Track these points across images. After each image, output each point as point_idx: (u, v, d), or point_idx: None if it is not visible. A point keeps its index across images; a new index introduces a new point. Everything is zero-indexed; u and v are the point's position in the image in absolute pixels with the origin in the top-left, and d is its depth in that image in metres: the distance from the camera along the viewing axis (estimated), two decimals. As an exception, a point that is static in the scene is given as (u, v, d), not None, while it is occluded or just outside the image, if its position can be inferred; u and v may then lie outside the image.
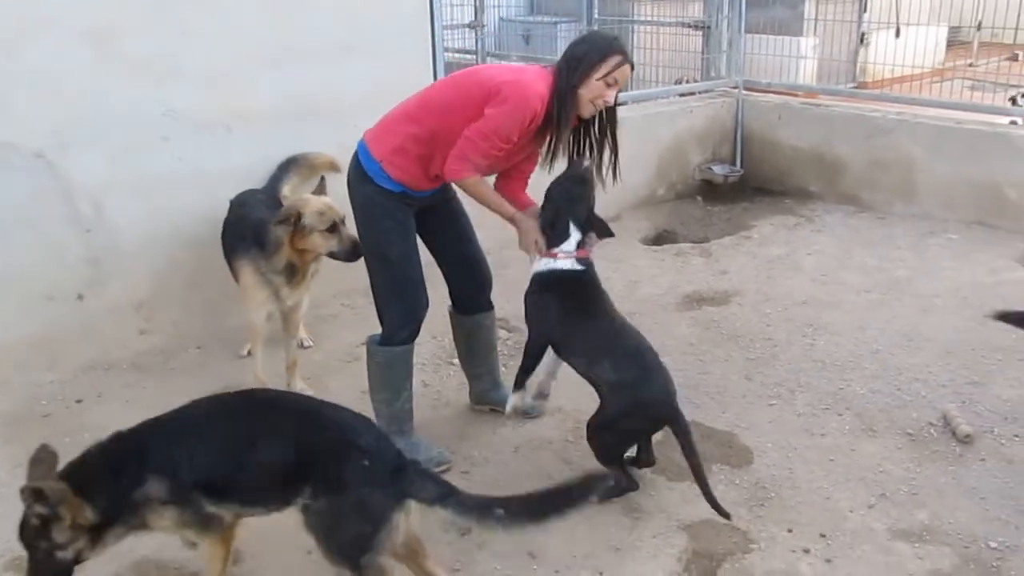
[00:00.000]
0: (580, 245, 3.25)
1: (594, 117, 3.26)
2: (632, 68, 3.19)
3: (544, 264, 3.27)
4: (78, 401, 3.98)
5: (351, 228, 3.50)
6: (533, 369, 3.37)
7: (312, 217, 3.57)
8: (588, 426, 3.20)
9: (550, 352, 3.32)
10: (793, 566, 2.87)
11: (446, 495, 2.44)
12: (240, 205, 4.09)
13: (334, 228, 3.59)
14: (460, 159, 3.12)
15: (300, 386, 4.00)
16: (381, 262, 3.32)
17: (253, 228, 3.78)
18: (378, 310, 3.41)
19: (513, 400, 3.39)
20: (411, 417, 3.48)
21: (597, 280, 3.33)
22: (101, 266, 4.18)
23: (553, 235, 3.24)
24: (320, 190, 3.84)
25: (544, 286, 3.28)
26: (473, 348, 3.72)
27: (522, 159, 3.33)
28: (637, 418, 3.15)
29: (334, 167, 4.57)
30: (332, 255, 3.65)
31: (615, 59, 3.11)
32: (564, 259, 3.24)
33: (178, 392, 3.97)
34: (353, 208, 3.35)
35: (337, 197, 3.68)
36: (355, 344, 4.43)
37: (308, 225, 3.58)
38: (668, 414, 3.11)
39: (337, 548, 2.47)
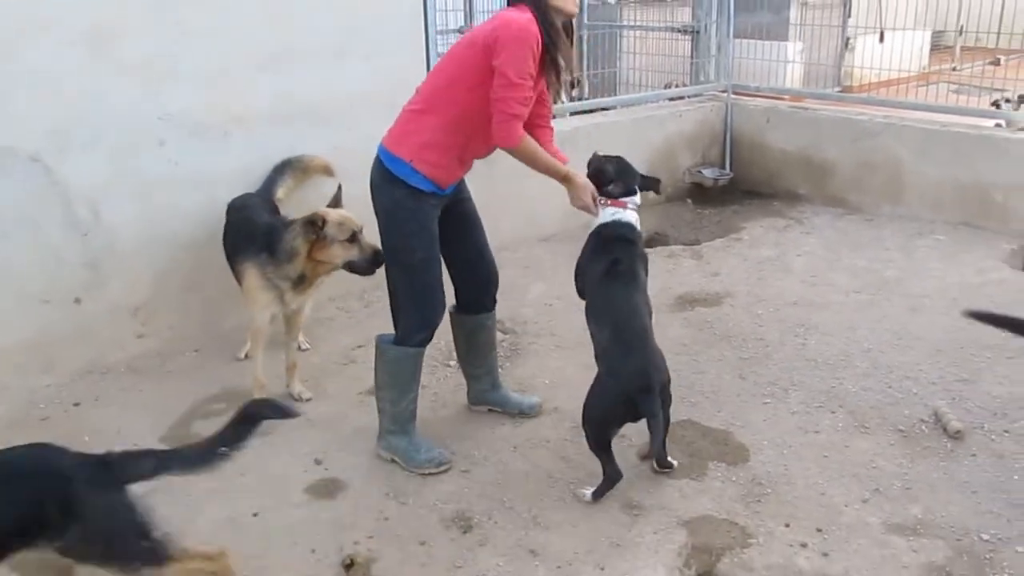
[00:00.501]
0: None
1: (568, 28, 3.25)
2: None
3: (610, 214, 3.36)
4: (76, 404, 3.99)
5: (370, 238, 3.55)
6: None
7: (333, 227, 3.58)
8: (582, 410, 3.24)
9: None
10: (791, 560, 2.92)
11: (163, 461, 2.54)
12: (242, 208, 4.11)
13: (354, 238, 3.59)
14: (505, 121, 3.10)
15: (299, 389, 4.03)
16: (403, 267, 3.34)
17: (263, 232, 3.78)
18: (394, 312, 3.43)
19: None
20: (414, 418, 3.51)
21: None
22: (98, 269, 4.19)
23: (619, 187, 3.36)
24: (336, 201, 3.80)
25: (608, 237, 3.35)
26: (474, 348, 3.75)
27: (536, 102, 3.29)
28: (613, 391, 3.16)
29: (328, 171, 4.60)
30: (350, 266, 3.63)
31: None
32: (631, 211, 3.37)
33: (175, 395, 4.05)
34: (377, 213, 3.34)
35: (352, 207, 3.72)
36: (351, 347, 4.46)
37: (330, 235, 3.58)
38: (641, 388, 3.10)
39: (120, 558, 2.43)
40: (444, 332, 3.87)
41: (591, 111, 6.62)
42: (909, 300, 4.83)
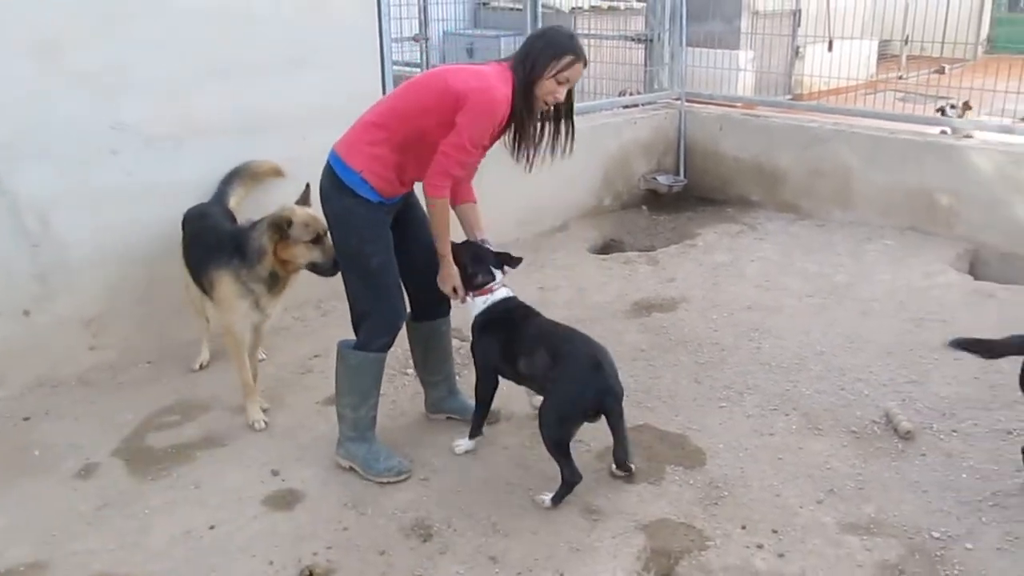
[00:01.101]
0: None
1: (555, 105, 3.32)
2: (585, 65, 3.26)
3: (482, 303, 3.47)
4: (26, 419, 3.91)
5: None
6: (488, 411, 3.57)
7: (298, 227, 3.56)
8: (539, 415, 3.26)
9: None
10: (748, 561, 2.96)
11: None
12: (202, 217, 4.07)
13: (318, 240, 3.57)
14: (441, 175, 3.18)
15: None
16: (360, 273, 3.35)
17: (230, 238, 3.74)
18: (354, 319, 3.43)
19: (467, 446, 3.59)
20: (374, 425, 3.50)
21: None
22: (48, 282, 4.11)
23: (480, 277, 3.45)
24: (304, 199, 3.76)
25: (489, 321, 3.45)
26: (430, 355, 3.75)
27: None
28: (574, 389, 3.20)
29: (277, 172, 4.57)
30: (313, 267, 3.61)
31: (567, 58, 3.18)
32: (500, 289, 3.48)
33: (129, 407, 3.99)
34: (328, 220, 3.37)
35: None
36: (308, 357, 4.43)
37: (294, 235, 3.56)
38: (602, 384, 3.17)
39: None
40: (401, 339, 3.87)
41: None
42: (860, 304, 4.92)
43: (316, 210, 3.60)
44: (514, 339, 3.39)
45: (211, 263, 3.77)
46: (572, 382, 3.20)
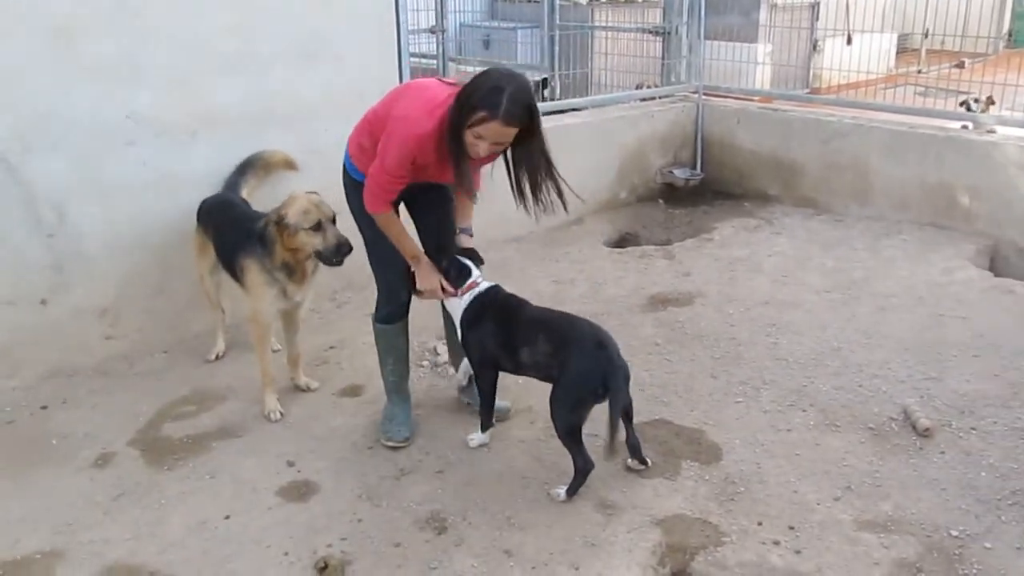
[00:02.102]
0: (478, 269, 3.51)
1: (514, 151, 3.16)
2: (507, 125, 2.93)
3: (468, 297, 3.45)
4: (42, 408, 3.93)
5: (342, 227, 3.59)
6: (494, 403, 3.56)
7: (297, 216, 3.54)
8: (550, 404, 3.25)
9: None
10: (764, 558, 2.94)
11: None
12: (229, 206, 4.08)
13: (319, 227, 3.56)
14: (371, 196, 3.26)
15: (305, 380, 4.04)
16: (377, 257, 3.55)
17: (257, 226, 3.72)
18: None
19: (481, 439, 3.59)
20: (395, 390, 3.71)
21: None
22: (64, 271, 4.12)
23: (458, 275, 3.45)
24: None
25: (479, 313, 3.43)
26: (453, 339, 3.79)
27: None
28: (582, 372, 3.17)
29: (290, 164, 4.57)
30: (317, 255, 3.62)
31: (479, 114, 2.93)
32: (483, 283, 3.47)
33: (144, 397, 4.00)
34: (352, 212, 3.49)
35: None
36: (323, 348, 4.43)
37: (293, 224, 3.55)
38: (608, 363, 3.15)
39: None
40: (416, 332, 3.87)
41: (562, 111, 6.62)
42: (878, 299, 4.88)
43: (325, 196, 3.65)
44: (510, 330, 3.37)
45: (240, 251, 3.78)
46: (579, 365, 3.18)
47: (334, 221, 3.58)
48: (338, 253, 3.56)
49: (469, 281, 3.44)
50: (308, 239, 3.57)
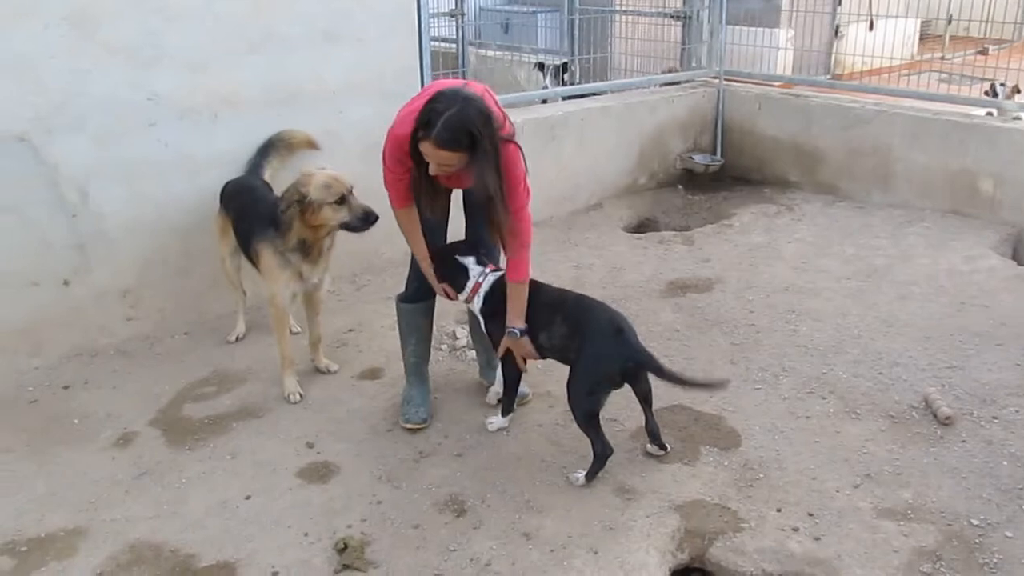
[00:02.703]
0: (480, 263, 3.48)
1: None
2: (439, 147, 2.92)
3: (482, 290, 3.45)
4: (65, 387, 3.96)
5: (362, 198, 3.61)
6: (518, 388, 3.57)
7: (319, 191, 3.55)
8: (567, 389, 3.25)
9: None
10: (783, 544, 2.93)
11: None
12: (248, 190, 4.10)
13: (343, 200, 3.57)
14: (387, 190, 3.34)
15: (325, 362, 4.06)
16: None
17: (270, 209, 3.74)
18: None
19: (500, 423, 3.60)
20: (414, 371, 3.74)
21: None
22: (87, 252, 4.15)
23: (454, 278, 3.48)
24: None
25: (500, 301, 3.40)
26: (475, 325, 3.81)
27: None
28: (600, 357, 3.18)
29: (312, 144, 4.56)
30: (345, 226, 3.62)
31: (421, 132, 2.96)
32: (491, 275, 3.46)
33: (165, 378, 4.03)
34: None
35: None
36: (343, 330, 4.45)
37: (316, 200, 3.55)
38: (626, 348, 3.16)
39: None
40: (436, 316, 3.87)
41: (582, 96, 6.60)
42: (899, 287, 4.85)
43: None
44: (528, 314, 3.36)
45: (254, 235, 3.80)
46: (596, 350, 3.19)
47: (352, 193, 3.60)
48: (366, 221, 3.58)
49: (471, 284, 3.44)
50: (333, 213, 3.58)
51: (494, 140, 2.98)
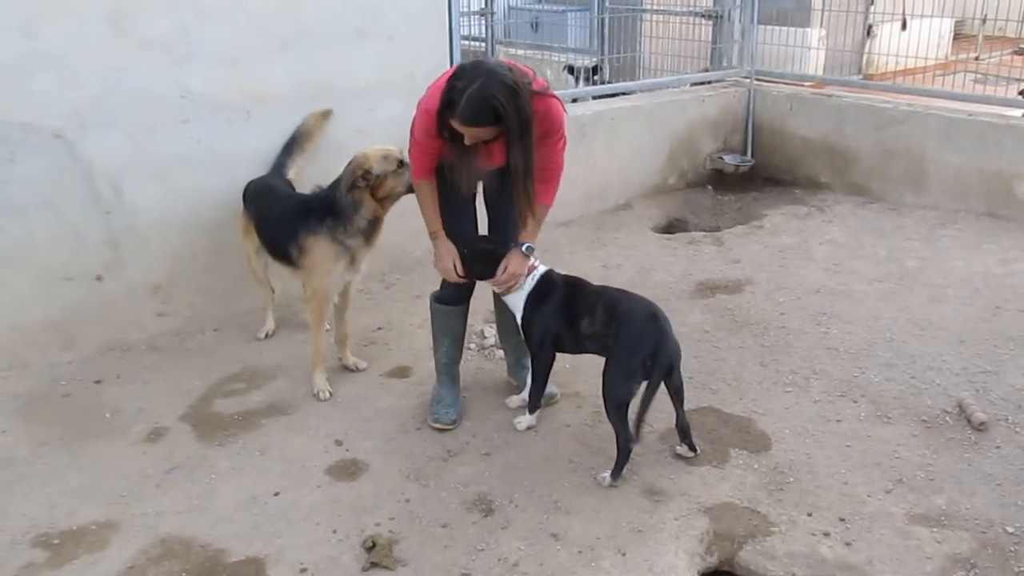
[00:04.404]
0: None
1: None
2: (465, 124, 2.96)
3: (531, 279, 3.45)
4: (97, 382, 4.00)
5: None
6: (546, 385, 3.57)
7: (380, 164, 3.61)
8: (603, 376, 3.24)
9: None
10: (813, 549, 2.90)
11: None
12: (271, 189, 4.12)
13: (402, 164, 3.63)
14: (411, 161, 3.40)
15: (353, 360, 4.07)
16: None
17: (318, 202, 3.75)
18: None
19: (528, 422, 3.60)
20: (445, 371, 3.73)
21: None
22: (119, 248, 4.18)
23: (475, 260, 3.48)
24: None
25: (544, 293, 3.43)
26: (501, 323, 3.83)
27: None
28: (634, 342, 3.19)
29: (325, 116, 4.57)
30: (410, 189, 3.64)
31: (447, 110, 2.99)
32: (541, 266, 3.48)
33: (196, 373, 4.06)
34: None
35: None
36: (371, 329, 4.46)
37: (380, 172, 3.61)
38: (660, 335, 3.18)
39: None
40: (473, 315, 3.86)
41: (612, 95, 6.57)
42: (932, 290, 4.79)
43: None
44: (572, 303, 3.39)
45: (301, 230, 3.77)
46: (631, 335, 3.20)
47: (404, 154, 3.63)
48: None
49: (530, 263, 3.44)
50: (397, 179, 3.64)
51: (522, 112, 2.97)
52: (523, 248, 3.38)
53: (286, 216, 3.86)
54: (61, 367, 4.08)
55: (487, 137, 3.04)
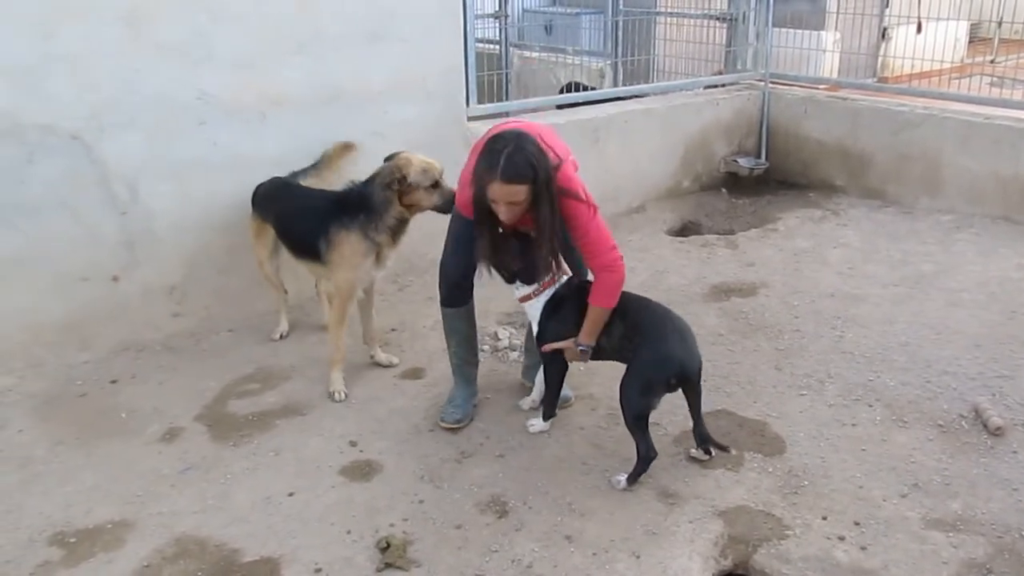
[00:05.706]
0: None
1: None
2: (507, 182, 2.99)
3: (540, 299, 3.41)
4: (113, 382, 4.02)
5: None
6: (559, 393, 3.57)
7: (418, 175, 3.65)
8: (620, 387, 3.22)
9: None
10: (828, 553, 2.89)
11: None
12: (289, 188, 4.16)
13: (436, 184, 3.67)
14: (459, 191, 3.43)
15: (385, 356, 4.10)
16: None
17: (347, 198, 3.78)
18: None
19: (541, 426, 3.60)
20: (456, 372, 3.74)
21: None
22: (135, 249, 4.21)
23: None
24: None
25: (558, 303, 3.41)
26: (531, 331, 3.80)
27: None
28: (658, 357, 3.17)
29: (348, 148, 4.57)
30: (435, 209, 3.71)
31: (485, 179, 3.05)
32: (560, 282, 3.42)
33: (211, 374, 4.07)
34: None
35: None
36: (386, 330, 4.46)
37: (414, 182, 3.65)
38: (684, 351, 3.18)
39: None
40: (477, 317, 3.87)
41: (626, 98, 6.57)
42: (947, 294, 4.76)
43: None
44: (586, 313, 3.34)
45: (332, 224, 3.78)
46: (655, 350, 3.18)
47: (443, 176, 3.69)
48: (450, 205, 3.62)
49: (551, 279, 3.40)
50: (427, 195, 3.68)
51: (548, 171, 3.05)
52: (579, 348, 3.32)
53: (314, 212, 3.87)
54: (77, 367, 4.11)
55: (521, 201, 3.05)
